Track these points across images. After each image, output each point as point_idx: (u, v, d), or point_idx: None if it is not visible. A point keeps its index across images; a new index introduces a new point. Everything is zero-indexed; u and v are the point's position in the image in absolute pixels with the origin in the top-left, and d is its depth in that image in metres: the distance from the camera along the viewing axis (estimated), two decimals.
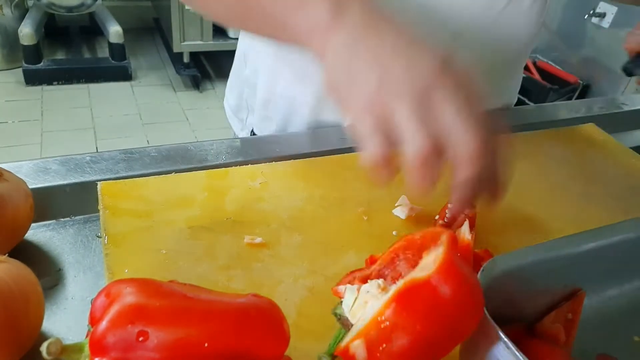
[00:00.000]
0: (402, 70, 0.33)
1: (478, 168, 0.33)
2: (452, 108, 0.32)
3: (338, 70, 0.36)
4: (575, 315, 0.36)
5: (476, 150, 0.32)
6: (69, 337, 0.35)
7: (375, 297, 0.30)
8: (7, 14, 2.53)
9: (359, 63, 0.34)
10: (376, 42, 0.34)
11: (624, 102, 0.81)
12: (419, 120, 0.32)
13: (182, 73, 2.71)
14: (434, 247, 0.30)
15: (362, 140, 0.34)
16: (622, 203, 0.55)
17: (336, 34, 0.36)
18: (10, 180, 0.39)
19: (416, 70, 0.33)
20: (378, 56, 0.34)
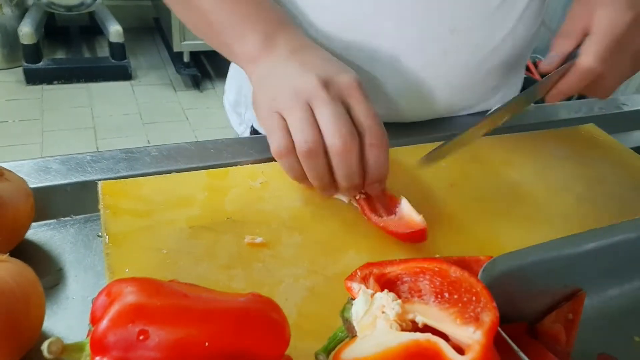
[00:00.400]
0: (293, 85, 0.42)
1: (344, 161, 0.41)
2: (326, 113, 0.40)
3: (256, 90, 0.46)
4: (575, 316, 0.36)
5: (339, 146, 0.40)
6: (70, 337, 0.35)
7: (386, 321, 0.29)
8: (7, 13, 2.53)
9: (269, 83, 0.44)
10: (284, 67, 0.44)
11: (624, 102, 0.81)
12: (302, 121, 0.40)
13: (182, 72, 2.71)
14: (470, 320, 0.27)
15: (268, 138, 0.43)
16: (622, 203, 0.55)
17: (262, 62, 0.46)
18: (11, 179, 0.39)
19: (304, 85, 0.41)
20: (282, 77, 0.43)
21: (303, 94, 0.41)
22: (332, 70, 0.43)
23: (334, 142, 0.40)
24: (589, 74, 0.44)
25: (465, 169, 0.56)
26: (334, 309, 0.38)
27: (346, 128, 0.40)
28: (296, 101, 0.41)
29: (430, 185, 0.52)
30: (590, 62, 0.44)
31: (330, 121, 0.40)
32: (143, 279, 0.28)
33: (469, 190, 0.53)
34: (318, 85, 0.41)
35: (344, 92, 0.42)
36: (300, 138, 0.40)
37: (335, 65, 0.44)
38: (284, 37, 0.46)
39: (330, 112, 0.40)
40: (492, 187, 0.54)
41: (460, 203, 0.51)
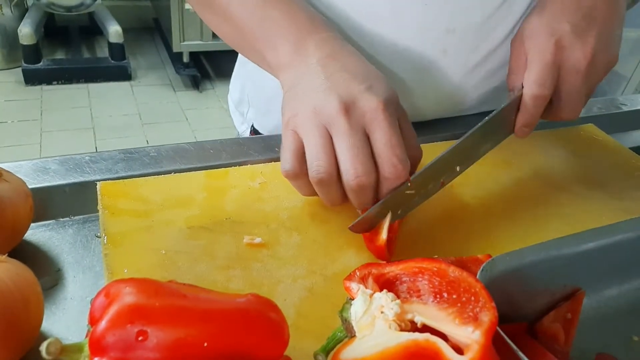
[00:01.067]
0: (314, 105, 0.40)
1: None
2: (344, 145, 0.39)
3: (284, 100, 0.44)
4: (574, 315, 0.36)
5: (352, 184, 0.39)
6: (68, 337, 0.35)
7: (385, 321, 0.29)
8: (6, 14, 2.53)
9: (294, 95, 0.43)
10: (310, 79, 0.42)
11: (623, 102, 0.81)
12: (318, 148, 0.40)
13: (182, 73, 2.71)
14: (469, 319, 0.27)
15: (281, 153, 0.42)
16: (621, 203, 0.55)
17: (291, 71, 0.45)
18: (9, 180, 0.39)
19: (325, 107, 0.40)
20: (307, 92, 0.42)
21: (323, 117, 0.40)
22: (357, 90, 0.40)
23: (348, 178, 0.39)
24: (536, 100, 0.46)
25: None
26: (333, 309, 0.38)
27: (362, 166, 0.39)
28: (315, 125, 0.40)
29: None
30: (531, 90, 0.46)
31: (347, 155, 0.39)
32: (142, 279, 0.28)
33: (469, 190, 0.53)
34: (339, 111, 0.39)
35: (367, 117, 0.40)
36: (314, 165, 0.39)
37: (364, 79, 0.42)
38: (314, 44, 0.44)
39: (348, 144, 0.39)
40: (491, 188, 0.54)
41: (460, 203, 0.51)
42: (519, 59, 0.49)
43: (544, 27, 0.47)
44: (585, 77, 0.48)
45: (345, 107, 0.39)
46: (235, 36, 0.51)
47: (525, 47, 0.48)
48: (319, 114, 0.40)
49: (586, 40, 0.46)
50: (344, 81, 0.41)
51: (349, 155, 0.39)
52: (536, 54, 0.47)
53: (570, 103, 0.48)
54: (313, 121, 0.40)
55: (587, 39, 0.47)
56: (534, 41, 0.47)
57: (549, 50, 0.46)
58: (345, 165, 0.39)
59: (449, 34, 0.55)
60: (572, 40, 0.46)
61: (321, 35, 0.45)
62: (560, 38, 0.46)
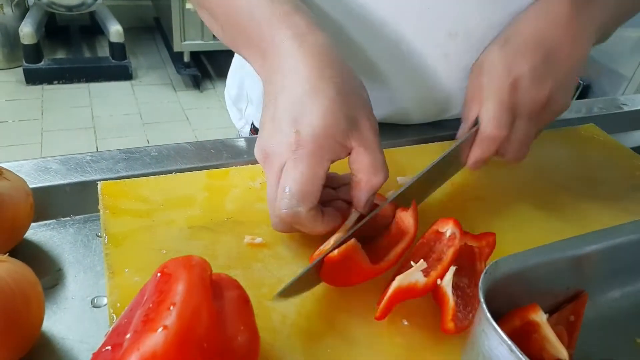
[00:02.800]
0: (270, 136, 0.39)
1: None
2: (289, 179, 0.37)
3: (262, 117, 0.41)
4: (577, 317, 0.36)
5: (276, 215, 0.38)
6: (69, 337, 0.35)
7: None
8: (7, 13, 2.53)
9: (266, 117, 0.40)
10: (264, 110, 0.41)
11: (624, 102, 0.81)
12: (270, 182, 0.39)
13: (183, 72, 2.71)
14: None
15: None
16: (622, 203, 0.55)
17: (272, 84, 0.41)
18: (10, 179, 0.39)
19: (257, 155, 0.40)
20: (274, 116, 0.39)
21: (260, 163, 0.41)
22: (279, 127, 0.38)
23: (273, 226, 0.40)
24: (492, 140, 0.46)
25: (465, 170, 0.56)
26: (333, 309, 0.38)
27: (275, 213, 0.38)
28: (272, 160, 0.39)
29: None
30: (489, 130, 0.45)
31: (268, 203, 0.39)
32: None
33: (469, 190, 0.53)
34: (261, 160, 0.40)
35: (282, 158, 0.38)
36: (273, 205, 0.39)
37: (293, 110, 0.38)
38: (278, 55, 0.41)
39: (268, 191, 0.39)
40: (492, 187, 0.54)
41: (460, 203, 0.51)
42: (475, 90, 0.48)
43: (502, 63, 0.46)
44: (537, 122, 0.47)
45: (265, 155, 0.39)
46: (224, 38, 0.49)
47: (482, 80, 0.47)
48: (259, 158, 0.41)
49: (543, 85, 0.46)
50: (272, 116, 0.39)
51: (268, 203, 0.39)
52: (492, 91, 0.46)
53: (518, 147, 0.48)
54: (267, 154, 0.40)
55: (545, 83, 0.46)
56: (491, 76, 0.46)
57: (506, 91, 0.45)
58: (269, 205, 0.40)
59: (451, 38, 0.55)
60: (529, 83, 0.45)
61: (277, 40, 0.41)
62: (517, 79, 0.45)
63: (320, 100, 0.38)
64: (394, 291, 0.34)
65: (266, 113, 0.40)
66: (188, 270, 0.28)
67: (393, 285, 0.34)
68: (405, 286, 0.35)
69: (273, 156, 0.38)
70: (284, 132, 0.38)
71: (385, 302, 0.34)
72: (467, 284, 0.37)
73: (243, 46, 0.45)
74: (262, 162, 0.40)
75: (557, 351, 0.31)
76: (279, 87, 0.40)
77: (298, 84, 0.39)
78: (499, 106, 0.45)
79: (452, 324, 0.34)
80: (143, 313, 0.26)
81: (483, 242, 0.40)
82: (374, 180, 0.39)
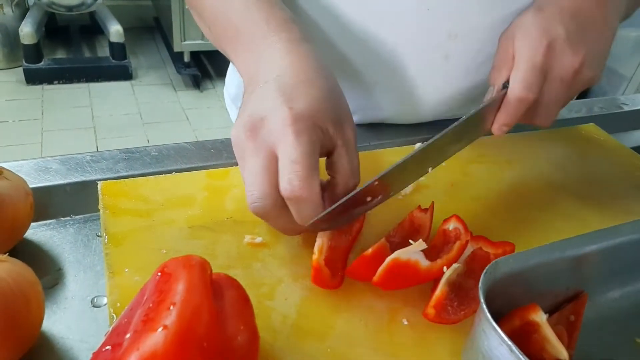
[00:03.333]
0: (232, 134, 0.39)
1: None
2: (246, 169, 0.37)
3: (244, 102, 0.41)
4: (577, 317, 0.36)
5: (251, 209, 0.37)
6: (69, 336, 0.35)
7: None
8: (7, 13, 2.53)
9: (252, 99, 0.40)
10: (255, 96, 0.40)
11: (624, 102, 0.81)
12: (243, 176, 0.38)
13: (183, 72, 2.71)
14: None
15: None
16: (622, 203, 0.55)
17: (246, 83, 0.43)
18: (10, 179, 0.39)
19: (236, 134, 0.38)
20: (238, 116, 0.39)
21: (237, 146, 0.38)
22: (270, 106, 0.37)
23: (249, 206, 0.37)
24: (520, 102, 0.45)
25: (465, 169, 0.56)
26: (333, 309, 0.38)
27: (257, 189, 0.36)
28: (235, 153, 0.38)
29: (430, 184, 0.52)
30: (518, 91, 0.44)
31: (247, 181, 0.37)
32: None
33: (469, 190, 0.53)
34: (244, 132, 0.37)
35: (274, 134, 0.36)
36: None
37: (286, 90, 0.38)
38: (265, 52, 0.42)
39: (250, 168, 0.37)
40: (492, 187, 0.54)
41: (460, 203, 0.51)
42: (505, 55, 0.47)
43: (538, 26, 0.46)
44: (568, 87, 0.47)
45: (252, 128, 0.37)
46: (209, 36, 0.51)
47: (515, 44, 0.46)
48: (235, 143, 0.38)
49: (577, 50, 0.45)
50: (265, 93, 0.38)
51: (248, 180, 0.37)
52: (526, 53, 0.45)
53: (547, 111, 0.47)
54: (235, 150, 0.38)
55: (579, 49, 0.45)
56: (526, 40, 0.46)
57: (540, 52, 0.44)
58: (246, 192, 0.37)
59: (451, 39, 0.55)
60: (564, 46, 0.45)
61: (274, 39, 0.42)
62: (552, 41, 0.45)
63: (315, 90, 0.38)
64: (390, 262, 0.35)
65: (251, 97, 0.39)
66: (188, 269, 0.28)
67: (390, 256, 0.35)
68: (403, 261, 0.35)
69: (263, 133, 0.36)
70: (278, 109, 0.36)
71: (382, 272, 0.35)
72: (472, 287, 0.38)
73: (230, 38, 0.46)
74: (245, 140, 0.37)
75: (557, 351, 0.31)
76: (271, 75, 0.39)
77: (294, 74, 0.39)
78: (531, 68, 0.44)
79: (433, 310, 0.35)
80: (143, 313, 0.26)
81: (500, 250, 0.40)
82: (349, 184, 0.40)
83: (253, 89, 0.40)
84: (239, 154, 0.38)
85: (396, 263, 0.35)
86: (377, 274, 0.35)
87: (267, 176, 0.36)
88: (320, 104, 0.38)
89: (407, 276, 0.36)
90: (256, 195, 0.36)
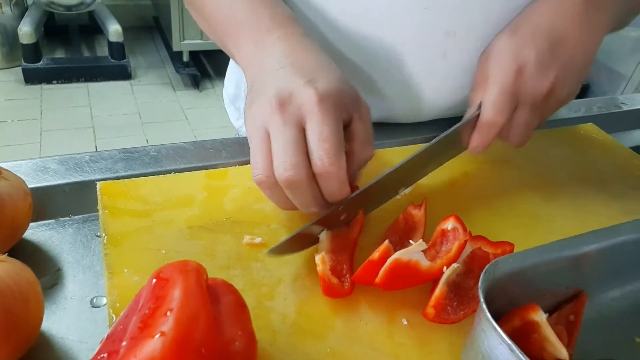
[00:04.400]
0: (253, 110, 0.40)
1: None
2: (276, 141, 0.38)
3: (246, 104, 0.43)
4: (577, 317, 0.36)
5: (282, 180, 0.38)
6: (68, 337, 0.35)
7: None
8: (6, 13, 2.52)
9: (250, 100, 0.42)
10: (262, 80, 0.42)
11: (623, 101, 0.81)
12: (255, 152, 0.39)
13: (182, 72, 2.71)
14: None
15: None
16: (622, 203, 0.55)
17: (251, 71, 0.45)
18: (9, 179, 0.39)
19: (261, 108, 0.39)
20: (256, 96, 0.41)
21: (260, 119, 0.39)
22: (296, 84, 0.39)
23: (277, 174, 0.37)
24: (491, 126, 0.46)
25: (465, 169, 0.56)
26: (333, 309, 0.38)
27: (290, 159, 0.37)
28: (255, 128, 0.39)
29: (430, 184, 0.52)
30: (488, 115, 0.46)
31: (278, 151, 0.37)
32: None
33: (469, 190, 0.53)
34: (273, 106, 0.38)
35: (302, 110, 0.38)
36: (254, 170, 0.39)
37: (308, 72, 0.40)
38: (271, 42, 0.44)
39: (280, 140, 0.37)
40: (492, 187, 0.54)
41: (460, 203, 0.51)
42: (482, 76, 0.48)
43: (509, 50, 0.47)
44: (540, 111, 0.47)
45: (280, 103, 0.38)
46: (212, 35, 0.52)
47: (489, 66, 0.48)
48: (256, 117, 0.39)
49: (548, 74, 0.46)
50: (286, 75, 0.40)
51: (279, 151, 0.37)
52: (497, 77, 0.46)
53: (520, 132, 0.48)
54: (253, 125, 0.39)
55: (549, 72, 0.46)
56: (498, 62, 0.47)
57: (510, 77, 0.46)
58: (275, 162, 0.37)
59: (449, 37, 0.55)
60: (533, 71, 0.46)
61: (280, 33, 0.44)
62: (522, 66, 0.46)
63: (333, 72, 0.41)
64: (392, 263, 0.35)
65: (268, 80, 0.41)
66: (184, 275, 0.28)
67: (392, 257, 0.35)
68: (404, 262, 0.35)
69: (291, 108, 0.38)
70: (303, 88, 0.38)
71: (384, 273, 0.35)
72: (471, 287, 0.38)
73: (232, 32, 0.47)
74: (271, 114, 0.38)
75: (556, 351, 0.31)
76: (285, 62, 0.41)
77: (307, 61, 0.42)
78: (501, 92, 0.46)
79: (433, 310, 0.35)
80: (139, 319, 0.26)
81: (499, 250, 0.40)
82: (366, 153, 0.42)
83: (263, 75, 0.42)
84: (256, 129, 0.39)
85: (398, 264, 0.35)
86: (380, 275, 0.35)
87: (299, 147, 0.37)
88: (340, 85, 0.40)
89: (408, 277, 0.36)
90: (289, 163, 0.37)
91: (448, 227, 0.40)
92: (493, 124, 0.46)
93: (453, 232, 0.40)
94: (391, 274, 0.35)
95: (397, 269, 0.35)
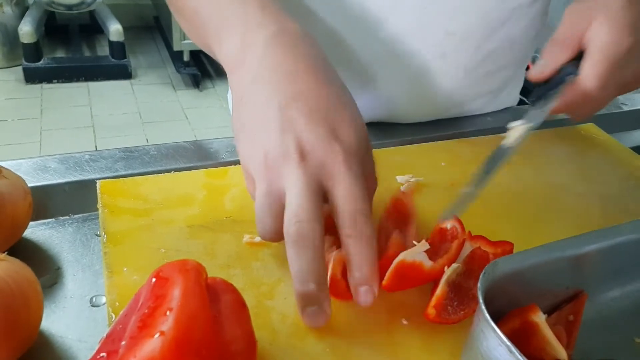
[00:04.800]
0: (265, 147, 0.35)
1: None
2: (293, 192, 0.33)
3: (233, 117, 0.39)
4: (577, 317, 0.36)
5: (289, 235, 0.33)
6: (68, 336, 0.35)
7: None
8: (7, 12, 2.52)
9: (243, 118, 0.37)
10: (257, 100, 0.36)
11: (623, 102, 0.81)
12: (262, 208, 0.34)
13: (182, 72, 2.71)
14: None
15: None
16: (622, 203, 0.55)
17: (236, 74, 0.38)
18: (9, 177, 0.39)
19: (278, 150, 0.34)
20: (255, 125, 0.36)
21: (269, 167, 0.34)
22: (316, 135, 0.34)
23: (287, 225, 0.32)
24: (588, 98, 0.41)
25: (465, 169, 0.56)
26: (333, 308, 0.38)
27: (306, 212, 0.32)
28: (265, 172, 0.34)
29: (430, 184, 0.52)
30: (593, 87, 0.40)
31: (294, 202, 0.32)
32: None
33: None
34: (295, 159, 0.33)
35: (326, 169, 0.33)
36: (262, 230, 0.35)
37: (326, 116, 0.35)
38: (262, 41, 0.37)
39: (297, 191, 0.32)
40: (492, 187, 0.54)
41: None
42: (573, 33, 0.42)
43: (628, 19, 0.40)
44: (629, 91, 0.44)
45: (301, 155, 0.33)
46: (191, 32, 0.47)
47: (594, 28, 0.40)
48: (274, 160, 0.34)
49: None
50: (302, 118, 0.34)
51: (295, 201, 0.32)
52: (608, 46, 0.40)
53: (598, 108, 0.44)
54: (262, 168, 0.35)
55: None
56: (611, 29, 0.40)
57: (622, 50, 0.40)
58: (288, 212, 0.33)
59: (449, 37, 0.55)
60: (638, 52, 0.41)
61: (273, 29, 0.38)
62: (636, 43, 0.40)
63: (350, 109, 0.36)
64: (397, 264, 0.35)
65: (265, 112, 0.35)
66: (184, 274, 0.28)
67: (397, 259, 0.35)
68: (409, 263, 0.35)
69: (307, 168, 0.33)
70: (325, 141, 0.33)
71: (390, 275, 0.35)
72: (471, 287, 0.38)
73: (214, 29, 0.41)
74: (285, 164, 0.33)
75: (556, 351, 0.31)
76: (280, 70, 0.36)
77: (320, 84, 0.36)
78: (611, 65, 0.40)
79: (434, 310, 0.35)
80: (138, 318, 0.26)
81: (499, 250, 0.40)
82: (374, 186, 0.40)
83: (257, 99, 0.36)
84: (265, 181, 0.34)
85: (403, 265, 0.35)
86: (386, 277, 0.35)
87: (317, 201, 0.33)
88: (360, 133, 0.36)
89: (412, 277, 0.36)
90: (302, 215, 0.32)
91: (446, 227, 0.41)
92: (591, 97, 0.41)
93: (451, 231, 0.40)
94: (397, 275, 0.35)
95: (402, 270, 0.35)
